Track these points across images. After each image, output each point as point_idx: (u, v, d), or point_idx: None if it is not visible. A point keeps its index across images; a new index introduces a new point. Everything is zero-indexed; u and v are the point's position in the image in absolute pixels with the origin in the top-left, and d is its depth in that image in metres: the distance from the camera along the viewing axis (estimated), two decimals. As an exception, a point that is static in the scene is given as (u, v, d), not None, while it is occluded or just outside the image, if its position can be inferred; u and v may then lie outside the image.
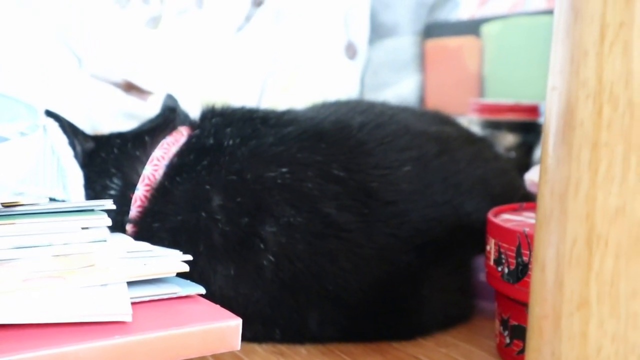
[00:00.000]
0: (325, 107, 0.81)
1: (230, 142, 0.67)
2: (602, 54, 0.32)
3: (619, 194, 0.32)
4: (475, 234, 0.69)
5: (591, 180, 0.33)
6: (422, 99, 1.45)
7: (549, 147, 0.35)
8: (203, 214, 0.63)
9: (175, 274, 0.53)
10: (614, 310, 0.33)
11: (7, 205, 0.50)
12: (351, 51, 1.43)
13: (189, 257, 0.55)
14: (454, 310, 0.71)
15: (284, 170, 0.64)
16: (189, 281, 0.55)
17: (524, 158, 1.06)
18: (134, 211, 0.68)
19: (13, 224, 0.49)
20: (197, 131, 0.70)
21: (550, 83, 0.35)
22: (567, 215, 0.34)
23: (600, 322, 0.33)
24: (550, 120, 0.35)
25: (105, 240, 0.52)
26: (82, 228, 0.52)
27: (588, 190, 0.33)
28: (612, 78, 0.32)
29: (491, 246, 0.62)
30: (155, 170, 0.68)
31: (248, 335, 0.61)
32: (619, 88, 0.31)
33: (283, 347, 0.65)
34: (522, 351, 0.59)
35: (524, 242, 0.57)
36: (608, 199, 0.32)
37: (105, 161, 0.71)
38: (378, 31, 1.47)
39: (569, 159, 0.33)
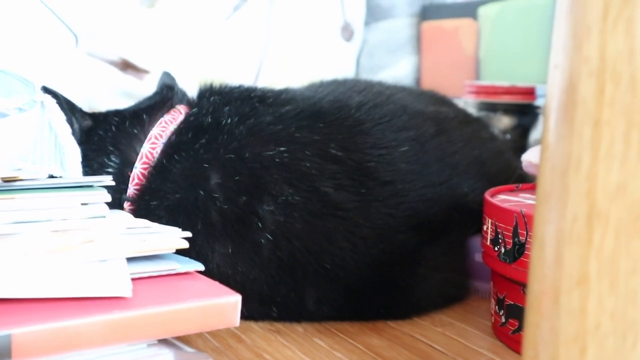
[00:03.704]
0: (323, 86, 0.81)
1: (229, 120, 0.67)
2: (606, 30, 0.32)
3: (620, 171, 0.32)
4: (472, 214, 0.69)
5: (592, 158, 0.33)
6: (417, 80, 1.45)
7: (550, 124, 0.35)
8: (201, 192, 0.63)
9: (174, 251, 0.53)
10: (614, 286, 0.33)
11: (6, 180, 0.50)
12: (347, 33, 1.43)
13: (188, 234, 0.55)
14: (449, 289, 0.71)
15: (282, 149, 0.64)
16: (187, 258, 0.55)
17: (520, 140, 1.06)
18: (131, 189, 0.68)
19: (13, 198, 0.49)
20: (195, 109, 0.70)
21: (553, 61, 0.35)
22: (568, 192, 0.34)
23: (599, 299, 0.33)
24: (552, 98, 0.35)
25: (104, 216, 0.52)
26: (82, 204, 0.52)
27: (589, 167, 0.33)
28: (615, 55, 0.32)
29: (488, 226, 0.62)
30: (153, 149, 0.68)
31: (245, 313, 0.60)
32: (622, 65, 0.31)
33: (280, 325, 0.66)
34: (517, 330, 0.60)
35: (521, 222, 0.58)
36: (609, 176, 0.32)
37: (103, 139, 0.71)
38: (374, 13, 1.47)
39: (570, 136, 0.33)
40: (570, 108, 0.34)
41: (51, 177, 0.60)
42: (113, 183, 0.56)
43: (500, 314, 0.62)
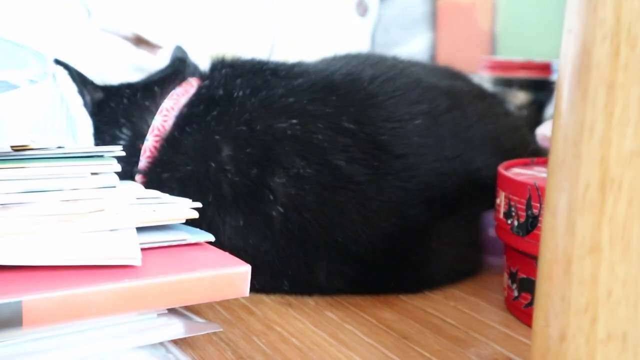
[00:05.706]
0: (336, 60, 0.80)
1: (240, 93, 0.67)
2: (621, -8, 0.31)
3: (635, 136, 0.32)
4: (485, 189, 0.69)
5: (606, 123, 0.32)
6: (433, 57, 1.44)
7: (563, 91, 0.34)
8: (212, 164, 0.63)
9: (184, 221, 0.53)
10: (626, 254, 0.32)
11: (17, 149, 0.50)
12: (362, 8, 1.42)
13: (199, 205, 0.54)
14: (462, 264, 0.71)
15: (294, 121, 0.64)
16: (197, 229, 0.55)
17: (535, 116, 1.05)
18: (143, 162, 0.68)
19: (23, 167, 0.49)
20: (206, 82, 0.70)
21: (567, 25, 0.34)
22: (581, 159, 0.33)
23: (611, 266, 0.33)
24: (566, 64, 0.34)
25: (114, 186, 0.52)
26: (92, 173, 0.52)
27: (603, 133, 0.32)
28: (631, 17, 0.31)
29: (501, 199, 0.62)
30: (165, 121, 0.68)
31: (256, 286, 0.61)
32: (637, 27, 0.31)
33: (291, 298, 0.65)
34: (529, 304, 0.59)
35: (534, 195, 0.57)
36: (623, 142, 0.32)
37: (114, 111, 0.71)
38: (389, -12, 1.45)
39: (584, 101, 0.33)
40: (584, 73, 0.33)
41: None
42: (123, 153, 0.56)
43: (513, 287, 0.62)
